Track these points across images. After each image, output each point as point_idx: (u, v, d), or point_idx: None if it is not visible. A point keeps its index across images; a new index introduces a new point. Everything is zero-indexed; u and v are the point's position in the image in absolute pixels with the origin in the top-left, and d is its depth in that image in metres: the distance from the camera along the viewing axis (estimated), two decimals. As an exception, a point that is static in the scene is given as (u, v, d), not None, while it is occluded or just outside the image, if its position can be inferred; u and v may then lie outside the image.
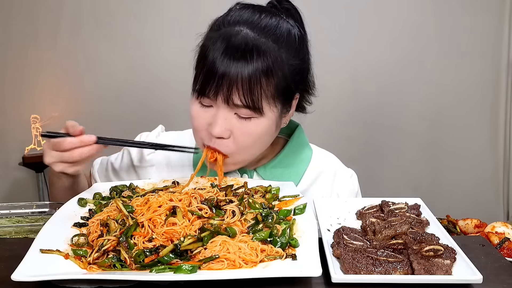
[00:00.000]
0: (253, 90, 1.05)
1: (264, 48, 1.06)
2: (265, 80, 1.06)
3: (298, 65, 1.13)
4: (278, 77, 1.08)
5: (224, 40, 1.06)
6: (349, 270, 0.78)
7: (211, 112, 1.10)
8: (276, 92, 1.09)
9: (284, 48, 1.10)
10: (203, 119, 1.11)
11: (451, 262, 0.79)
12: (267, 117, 1.10)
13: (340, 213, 1.03)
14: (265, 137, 1.14)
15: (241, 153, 1.13)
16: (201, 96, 1.09)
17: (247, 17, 1.11)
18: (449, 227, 1.45)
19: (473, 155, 3.13)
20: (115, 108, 3.05)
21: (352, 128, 3.13)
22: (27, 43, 3.01)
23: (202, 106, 1.11)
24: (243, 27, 1.08)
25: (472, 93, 3.07)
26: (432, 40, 3.02)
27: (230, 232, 0.87)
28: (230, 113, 1.09)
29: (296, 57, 1.13)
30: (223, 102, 1.07)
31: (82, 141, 1.10)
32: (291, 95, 1.16)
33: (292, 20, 1.16)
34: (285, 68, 1.09)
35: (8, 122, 3.11)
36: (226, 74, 1.04)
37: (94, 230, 0.90)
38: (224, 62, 1.04)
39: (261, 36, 1.07)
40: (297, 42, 1.14)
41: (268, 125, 1.12)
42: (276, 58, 1.07)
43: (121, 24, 3.00)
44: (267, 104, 1.08)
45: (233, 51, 1.04)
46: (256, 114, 1.08)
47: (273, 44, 1.08)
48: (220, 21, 1.13)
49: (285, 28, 1.12)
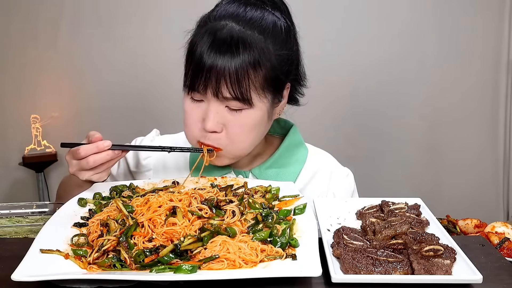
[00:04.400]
0: (241, 82, 1.06)
1: (250, 40, 1.08)
2: (253, 71, 1.07)
3: (286, 55, 1.15)
4: (266, 67, 1.10)
5: (210, 35, 1.08)
6: (349, 270, 0.78)
7: (203, 107, 1.12)
8: (265, 82, 1.10)
9: (271, 39, 1.12)
10: (195, 115, 1.13)
11: (451, 262, 0.79)
12: (258, 108, 1.12)
13: (340, 213, 1.03)
14: (258, 128, 1.15)
15: (234, 146, 1.14)
16: (192, 91, 1.11)
17: (232, 11, 1.13)
18: (449, 227, 1.45)
19: (473, 155, 3.13)
20: (115, 108, 3.05)
21: (351, 128, 3.13)
22: (27, 42, 3.01)
23: (194, 101, 1.13)
24: (228, 21, 1.11)
25: (472, 93, 3.07)
26: (432, 39, 3.01)
27: (230, 232, 0.87)
28: (221, 107, 1.10)
29: (284, 47, 1.14)
30: (212, 96, 1.09)
31: (97, 147, 1.09)
32: (281, 85, 1.17)
33: (279, 12, 1.18)
34: (272, 58, 1.11)
35: (8, 122, 3.11)
36: (214, 68, 1.06)
37: (94, 230, 0.90)
38: (211, 56, 1.06)
39: (247, 28, 1.10)
40: (284, 33, 1.16)
41: (260, 116, 1.13)
42: (262, 49, 1.09)
43: (121, 23, 3.00)
44: (257, 95, 1.10)
45: (219, 44, 1.06)
46: (246, 105, 1.10)
47: (259, 35, 1.10)
48: (207, 17, 1.16)
49: (271, 19, 1.14)
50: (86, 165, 1.09)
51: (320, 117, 2.95)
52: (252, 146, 1.19)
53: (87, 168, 1.10)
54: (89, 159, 1.09)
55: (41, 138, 3.05)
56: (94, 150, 1.09)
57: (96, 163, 1.09)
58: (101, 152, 1.09)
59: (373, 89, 3.08)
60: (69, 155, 1.13)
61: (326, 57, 2.95)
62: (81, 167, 1.10)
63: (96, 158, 1.09)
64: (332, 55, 3.01)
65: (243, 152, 1.18)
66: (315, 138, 1.42)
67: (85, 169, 1.11)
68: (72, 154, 1.11)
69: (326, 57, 2.96)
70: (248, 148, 1.18)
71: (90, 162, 1.09)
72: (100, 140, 1.10)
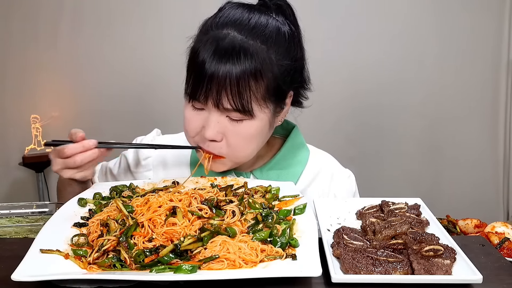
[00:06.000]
0: (242, 93, 1.05)
1: (252, 50, 1.06)
2: (254, 83, 1.06)
3: (289, 64, 1.13)
4: (268, 78, 1.08)
5: (212, 44, 1.07)
6: (349, 270, 0.78)
7: (203, 115, 1.11)
8: (266, 93, 1.09)
9: (274, 48, 1.10)
10: (196, 122, 1.13)
11: (451, 262, 0.79)
12: (259, 118, 1.11)
13: (340, 213, 1.03)
14: (258, 137, 1.14)
15: (235, 154, 1.14)
16: (193, 100, 1.10)
17: (235, 18, 1.11)
18: (449, 227, 1.45)
19: (473, 155, 3.13)
20: (115, 108, 3.05)
21: (351, 128, 3.13)
22: (27, 43, 3.01)
23: (194, 109, 1.13)
24: (230, 29, 1.09)
25: (472, 92, 3.07)
26: (432, 39, 3.02)
27: (230, 232, 0.87)
28: (222, 117, 1.10)
29: (287, 56, 1.13)
30: (213, 106, 1.08)
31: (83, 146, 1.12)
32: (283, 95, 1.16)
33: (283, 17, 1.16)
34: (274, 69, 1.10)
35: (8, 122, 3.11)
36: (215, 78, 1.04)
37: (94, 230, 0.90)
38: (212, 66, 1.05)
39: (249, 38, 1.08)
40: (288, 40, 1.14)
41: (261, 126, 1.12)
42: (264, 59, 1.07)
43: (121, 24, 3.00)
44: (258, 106, 1.09)
45: (221, 55, 1.05)
46: (247, 116, 1.09)
47: (262, 45, 1.08)
48: (209, 24, 1.14)
49: (274, 26, 1.12)
50: (73, 163, 1.12)
51: (320, 117, 2.94)
52: (254, 153, 1.18)
53: (73, 166, 1.13)
54: (76, 158, 1.11)
55: (41, 138, 3.05)
56: (80, 149, 1.12)
57: (84, 162, 1.12)
58: (87, 151, 1.12)
59: (373, 89, 3.08)
60: (53, 153, 1.15)
61: (326, 58, 2.95)
62: (67, 165, 1.13)
63: (83, 157, 1.12)
64: (332, 55, 3.01)
65: (244, 160, 1.18)
66: (315, 138, 1.41)
67: (70, 168, 1.13)
68: (57, 153, 1.13)
69: (326, 57, 2.95)
70: (249, 156, 1.18)
71: (78, 161, 1.11)
72: (83, 139, 1.13)
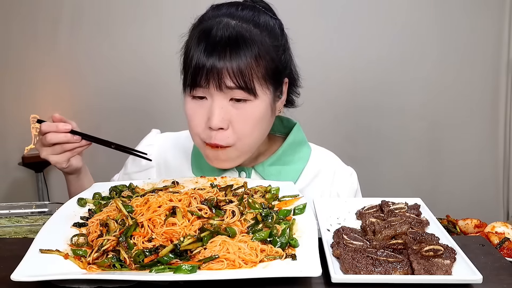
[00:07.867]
0: (244, 71, 1.08)
1: (248, 33, 1.11)
2: (254, 62, 1.09)
3: (282, 46, 1.18)
4: (266, 59, 1.12)
5: (207, 31, 1.10)
6: (349, 270, 0.78)
7: (206, 105, 1.12)
8: (266, 73, 1.12)
9: (266, 32, 1.14)
10: (199, 115, 1.13)
11: (451, 262, 0.79)
12: (261, 99, 1.13)
13: (340, 213, 1.03)
14: (262, 122, 1.16)
15: (242, 141, 1.14)
16: (194, 87, 1.11)
17: (225, 10, 1.16)
18: (449, 227, 1.45)
19: (473, 155, 3.13)
20: (115, 107, 3.05)
21: (351, 127, 3.12)
22: (27, 43, 3.01)
23: (196, 100, 1.13)
24: (223, 18, 1.13)
25: (472, 93, 3.07)
26: (432, 40, 3.01)
27: (230, 232, 0.87)
28: (225, 101, 1.11)
29: (279, 41, 1.17)
30: (216, 89, 1.09)
31: (57, 126, 1.18)
32: (280, 77, 1.19)
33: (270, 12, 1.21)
34: (270, 50, 1.14)
35: (8, 122, 3.11)
36: (215, 60, 1.07)
37: (94, 230, 0.90)
38: (211, 49, 1.08)
39: (242, 22, 1.12)
40: (277, 28, 1.19)
41: (264, 108, 1.14)
42: (260, 41, 1.11)
43: (120, 23, 2.99)
44: (259, 85, 1.11)
45: (218, 38, 1.08)
46: (250, 95, 1.10)
47: (255, 29, 1.12)
48: (200, 19, 1.18)
49: (264, 17, 1.17)
50: (45, 141, 1.18)
51: (320, 117, 2.94)
52: (258, 142, 1.19)
53: (46, 144, 1.19)
54: (47, 136, 1.18)
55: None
56: (53, 128, 1.18)
57: (51, 141, 1.18)
58: (60, 132, 1.18)
59: (373, 89, 3.07)
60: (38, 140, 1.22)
61: (326, 57, 2.95)
62: (42, 143, 1.20)
63: (53, 137, 1.18)
64: (332, 55, 3.00)
65: (249, 148, 1.18)
66: (315, 137, 1.41)
67: (44, 146, 1.20)
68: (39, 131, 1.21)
69: (326, 57, 2.95)
70: (255, 144, 1.19)
71: (47, 138, 1.18)
72: (59, 121, 1.19)
